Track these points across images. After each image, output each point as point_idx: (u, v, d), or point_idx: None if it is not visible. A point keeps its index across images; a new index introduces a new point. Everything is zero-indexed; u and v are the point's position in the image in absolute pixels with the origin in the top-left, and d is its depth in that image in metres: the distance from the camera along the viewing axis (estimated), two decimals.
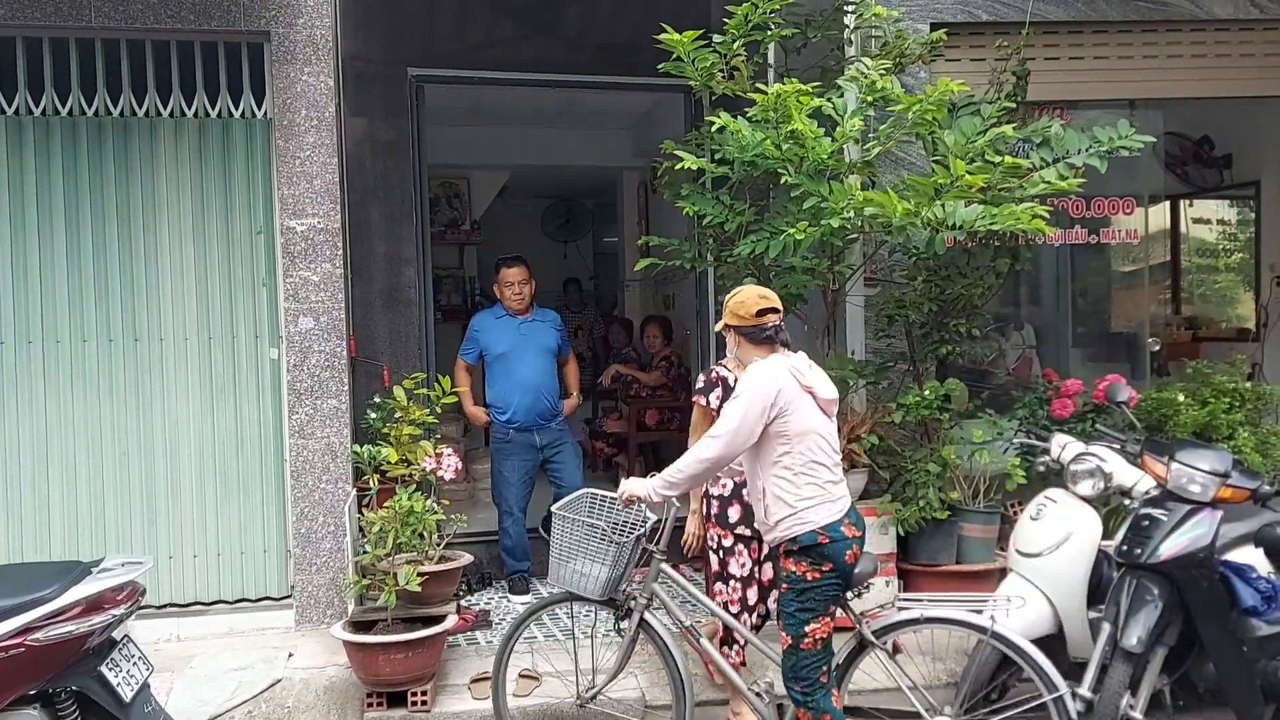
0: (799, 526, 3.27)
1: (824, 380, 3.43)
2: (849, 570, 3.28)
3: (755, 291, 3.49)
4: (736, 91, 4.77)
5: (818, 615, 3.28)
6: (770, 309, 3.42)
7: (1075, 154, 4.69)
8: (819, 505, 3.27)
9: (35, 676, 3.20)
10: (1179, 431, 5.02)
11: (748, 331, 3.43)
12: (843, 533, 3.27)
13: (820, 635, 3.28)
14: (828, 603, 3.29)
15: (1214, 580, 3.63)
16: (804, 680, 3.29)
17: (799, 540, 3.27)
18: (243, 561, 5.18)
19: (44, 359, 5.00)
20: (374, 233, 6.18)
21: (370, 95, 6.15)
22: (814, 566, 3.26)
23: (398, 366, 5.97)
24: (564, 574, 3.69)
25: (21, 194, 4.96)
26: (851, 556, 3.28)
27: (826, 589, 3.27)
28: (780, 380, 3.28)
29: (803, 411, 3.29)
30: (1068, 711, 3.20)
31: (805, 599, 3.27)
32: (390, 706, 4.31)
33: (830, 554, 3.25)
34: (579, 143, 9.31)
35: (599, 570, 3.60)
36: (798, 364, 3.36)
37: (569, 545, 3.66)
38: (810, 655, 3.28)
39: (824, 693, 3.29)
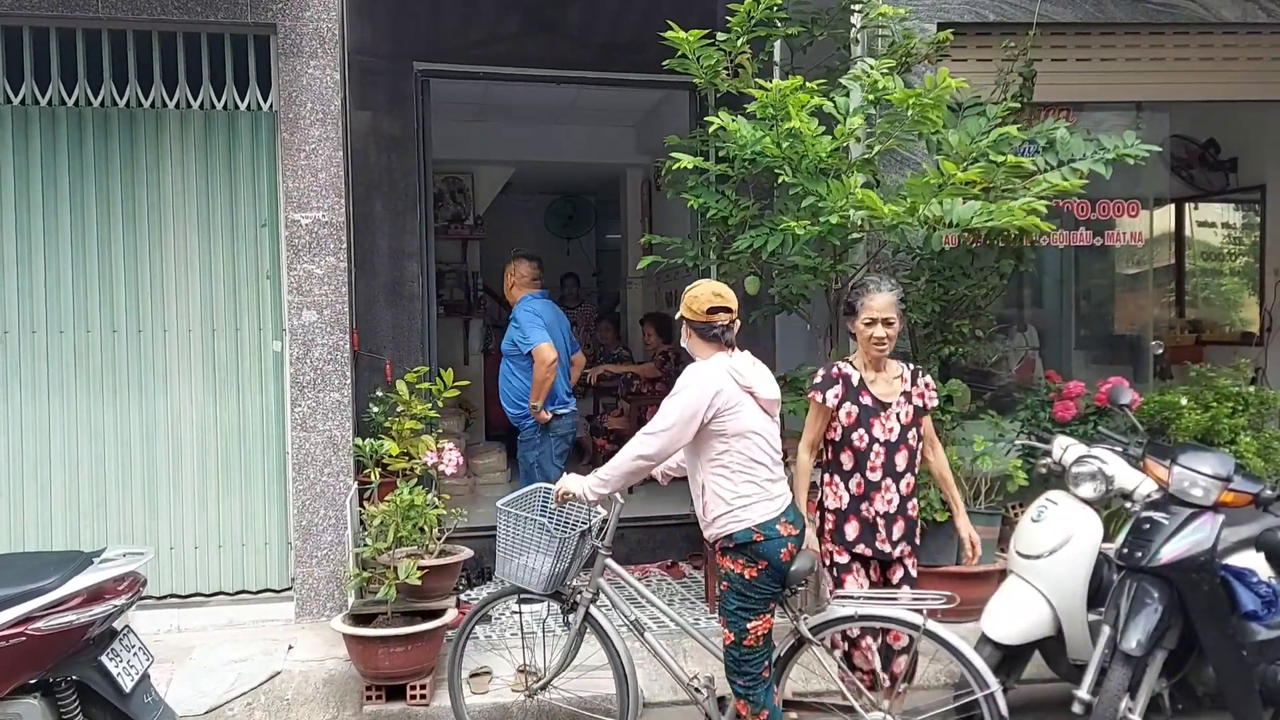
0: (735, 524, 3.33)
1: (765, 380, 3.47)
2: (785, 567, 3.34)
3: (710, 288, 3.49)
4: (741, 89, 4.77)
5: (758, 612, 3.35)
6: (722, 308, 3.45)
7: (1080, 159, 4.68)
8: (755, 504, 3.33)
9: (36, 666, 3.21)
10: (1181, 435, 5.02)
11: (697, 326, 3.47)
12: (778, 530, 3.33)
13: (761, 632, 3.36)
14: (767, 600, 3.36)
15: (1214, 584, 3.62)
16: (746, 675, 3.37)
17: (734, 538, 3.34)
18: (243, 553, 5.19)
19: (48, 349, 5.01)
20: (378, 227, 6.19)
21: (375, 89, 6.16)
22: (750, 564, 3.32)
23: (400, 360, 5.98)
24: (510, 568, 3.72)
25: (27, 184, 4.97)
26: (786, 554, 3.34)
27: (765, 586, 3.34)
28: (719, 381, 3.33)
29: (742, 412, 3.34)
30: (998, 709, 3.26)
31: (745, 598, 3.34)
32: (389, 700, 4.31)
33: (765, 552, 3.31)
34: (583, 139, 9.31)
35: (544, 564, 3.63)
36: (738, 364, 3.40)
37: (515, 540, 3.69)
38: (752, 651, 3.36)
39: (765, 687, 3.37)
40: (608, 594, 3.77)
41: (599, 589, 3.74)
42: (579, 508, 3.69)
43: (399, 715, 4.27)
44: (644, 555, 6.40)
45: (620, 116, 8.97)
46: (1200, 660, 3.75)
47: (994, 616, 3.96)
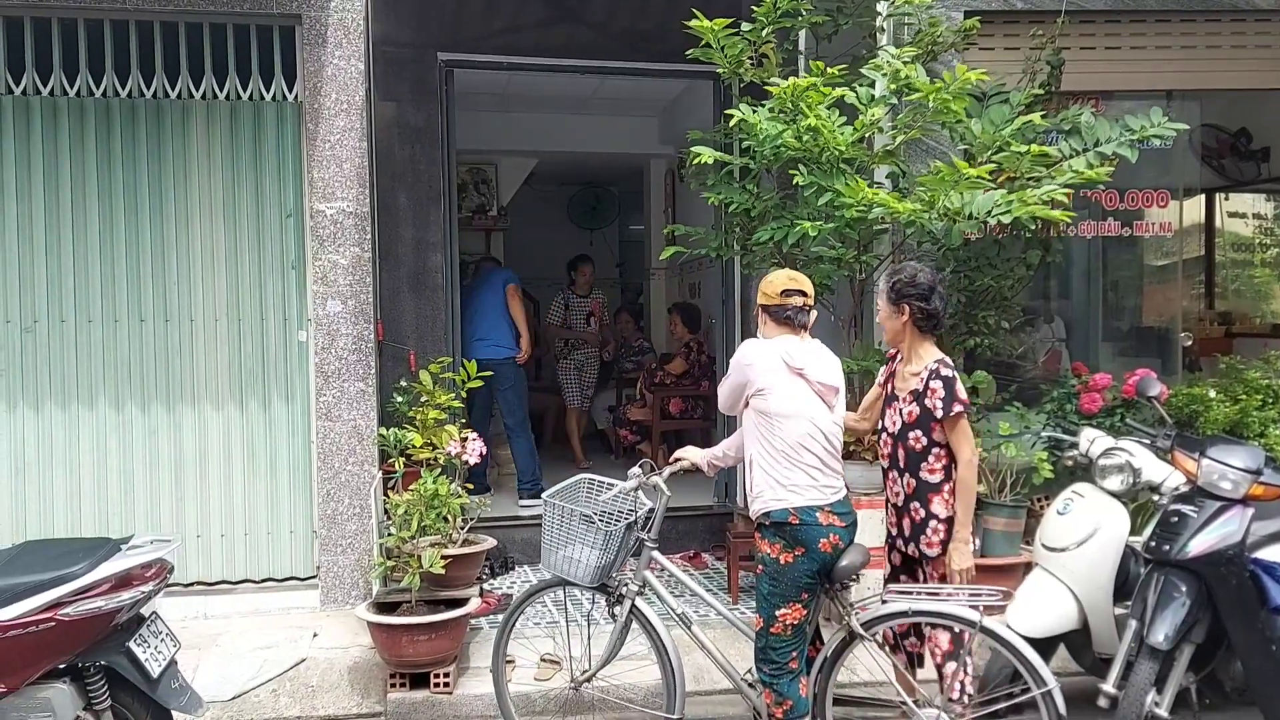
0: (775, 503, 3.31)
1: (825, 367, 3.42)
2: (825, 559, 3.28)
3: (785, 273, 3.56)
4: (765, 79, 4.74)
5: (789, 600, 3.29)
6: (797, 290, 3.46)
7: (1106, 143, 4.62)
8: (799, 488, 3.30)
9: (65, 650, 3.25)
10: (1210, 428, 4.96)
11: (771, 310, 3.48)
12: (817, 518, 3.28)
13: (791, 621, 3.30)
14: (800, 589, 3.30)
15: (1244, 578, 3.58)
16: (773, 664, 3.33)
17: (771, 515, 3.32)
18: (269, 542, 5.23)
19: (76, 339, 5.06)
20: (401, 217, 6.20)
21: (400, 79, 6.16)
22: (787, 549, 3.28)
23: (424, 351, 6.00)
24: (555, 560, 3.70)
25: (56, 175, 5.01)
26: (827, 545, 3.28)
27: (799, 575, 3.29)
28: (762, 356, 3.37)
29: (786, 392, 3.32)
30: (1056, 707, 3.17)
31: (776, 582, 3.30)
32: (413, 687, 4.34)
33: (802, 538, 3.27)
34: (606, 129, 9.29)
35: (590, 556, 3.60)
36: (793, 347, 3.38)
37: (561, 532, 3.67)
38: (780, 640, 3.31)
39: (791, 678, 3.32)
40: (653, 586, 3.72)
41: (645, 581, 3.70)
42: (625, 499, 3.65)
43: (423, 703, 4.30)
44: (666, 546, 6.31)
45: (644, 106, 8.95)
46: (1228, 655, 3.72)
47: (1019, 609, 3.93)
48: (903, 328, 3.65)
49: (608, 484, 3.73)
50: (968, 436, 3.52)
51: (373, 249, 5.23)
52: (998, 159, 4.45)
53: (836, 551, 3.30)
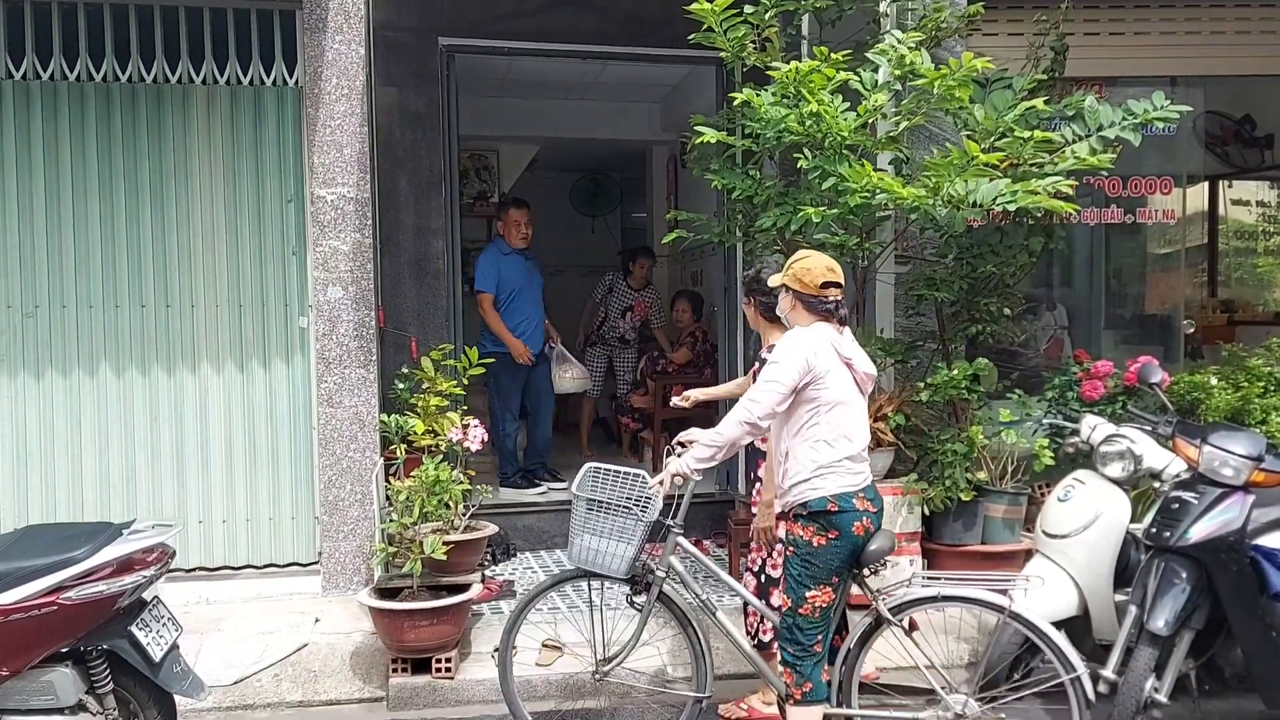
0: (811, 492, 3.26)
1: (863, 355, 3.42)
2: (857, 542, 3.27)
3: (824, 262, 3.39)
4: (768, 63, 4.73)
5: (819, 583, 3.26)
6: (835, 283, 3.36)
7: (1109, 127, 4.60)
8: (835, 475, 3.26)
9: (67, 635, 3.26)
10: (1211, 415, 4.96)
11: (808, 299, 3.36)
12: (854, 504, 3.25)
13: (820, 604, 3.27)
14: (831, 572, 3.27)
15: (1244, 564, 3.58)
16: (798, 644, 3.30)
17: (809, 505, 3.26)
18: (271, 527, 5.24)
19: (77, 324, 5.06)
20: (403, 203, 6.19)
21: (400, 64, 6.13)
22: (820, 533, 3.25)
23: (425, 338, 5.99)
24: (584, 554, 3.65)
25: (56, 160, 5.00)
26: (860, 529, 3.26)
27: (831, 558, 3.25)
28: (819, 346, 3.27)
29: (838, 382, 3.27)
30: (1085, 692, 3.15)
31: (808, 565, 3.27)
32: (415, 672, 4.36)
33: (838, 523, 3.24)
34: (609, 115, 9.26)
35: (624, 549, 3.56)
36: (832, 336, 3.33)
37: (590, 525, 3.62)
38: (807, 621, 3.28)
39: (814, 661, 3.29)
40: (679, 572, 3.69)
41: (670, 567, 3.67)
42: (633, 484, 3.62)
43: (424, 688, 4.31)
44: None
45: (646, 92, 8.92)
46: (1228, 641, 3.72)
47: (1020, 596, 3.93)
48: (755, 317, 4.06)
49: (618, 471, 3.71)
50: None
51: (374, 235, 5.22)
52: (1000, 145, 4.43)
53: (867, 535, 3.28)
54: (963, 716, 3.27)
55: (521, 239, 6.69)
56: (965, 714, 3.26)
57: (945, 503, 4.86)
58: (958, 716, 3.27)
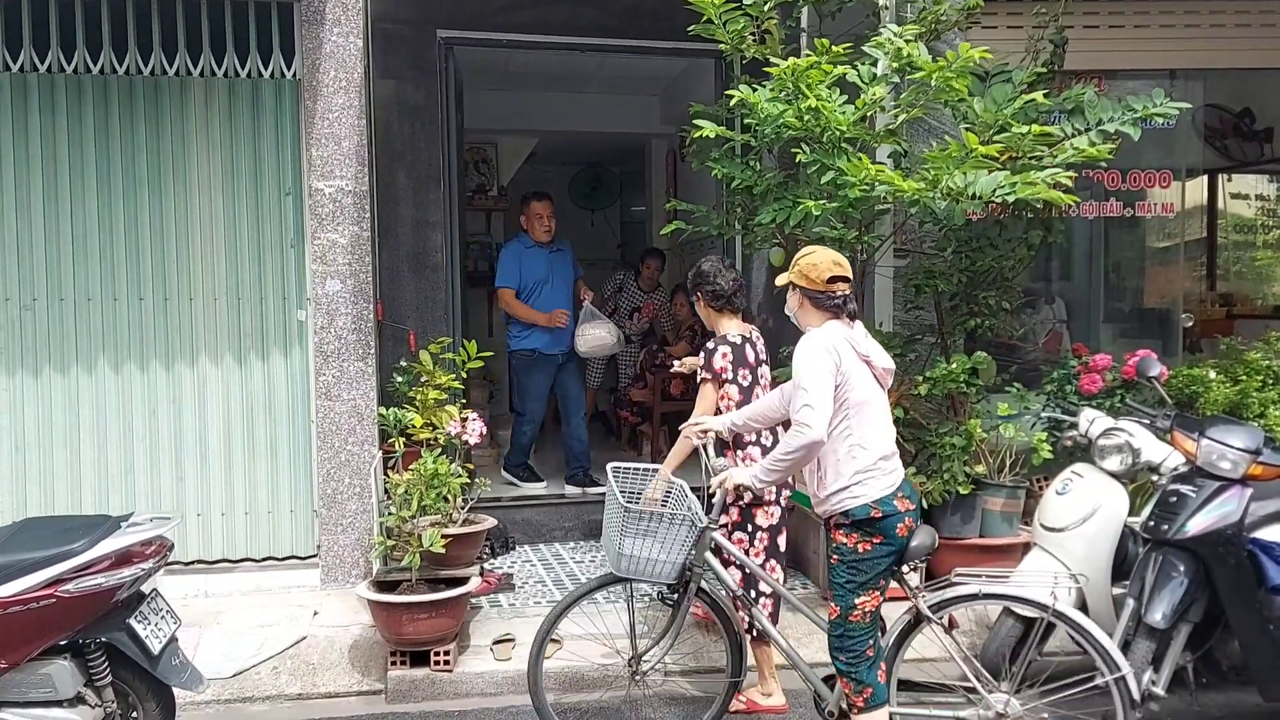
0: (851, 500, 3.19)
1: (880, 349, 3.36)
2: (902, 543, 3.22)
3: (830, 256, 3.32)
4: (768, 56, 4.72)
5: (868, 588, 3.20)
6: (842, 277, 3.29)
7: (1108, 122, 4.59)
8: (873, 479, 3.19)
9: (66, 627, 3.26)
10: (1209, 408, 4.96)
11: (814, 295, 3.30)
12: (895, 506, 3.19)
13: (869, 609, 3.21)
14: (879, 576, 3.21)
15: (1242, 558, 3.59)
16: (849, 652, 3.23)
17: (851, 514, 3.19)
18: (269, 521, 5.24)
19: (75, 316, 5.05)
20: (401, 196, 6.18)
21: (399, 57, 6.12)
22: (865, 538, 3.19)
23: (424, 331, 5.99)
24: (631, 563, 3.56)
25: (54, 152, 5.00)
26: (904, 530, 3.20)
27: (878, 562, 3.19)
28: (838, 347, 3.20)
29: (860, 382, 3.21)
30: (1130, 693, 3.07)
31: (856, 571, 3.20)
32: (413, 665, 4.36)
33: (883, 527, 3.18)
34: (608, 108, 9.25)
35: (676, 555, 3.51)
36: (852, 334, 3.27)
37: (627, 528, 3.54)
38: (858, 628, 3.22)
39: (869, 665, 3.23)
40: (714, 568, 3.66)
41: (705, 563, 3.63)
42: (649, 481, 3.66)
43: (423, 680, 4.32)
44: None
45: (645, 85, 8.90)
46: (1225, 634, 3.73)
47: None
48: (705, 309, 4.22)
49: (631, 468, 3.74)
50: (702, 399, 4.07)
51: (372, 228, 5.22)
52: (1000, 138, 4.43)
53: (910, 534, 3.23)
54: (1004, 715, 3.22)
55: (545, 232, 6.53)
56: (1007, 713, 3.21)
57: (943, 496, 4.86)
58: (999, 715, 3.22)
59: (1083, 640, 3.21)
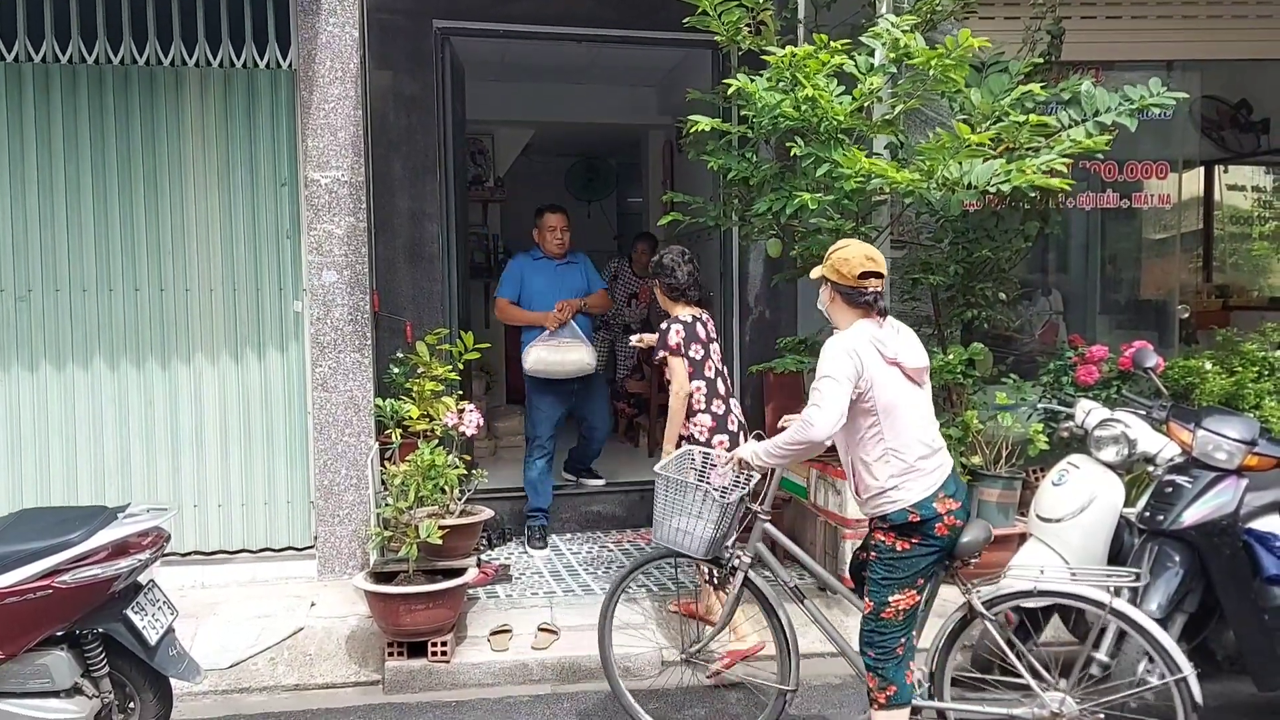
0: (890, 505, 3.17)
1: (911, 348, 3.28)
2: (942, 542, 3.17)
3: (863, 251, 3.27)
4: (763, 47, 4.71)
5: (903, 586, 3.17)
6: (875, 273, 3.23)
7: (1105, 112, 4.59)
8: (910, 481, 3.15)
9: (62, 618, 3.26)
10: (1205, 399, 4.97)
11: (846, 291, 3.25)
12: (934, 509, 3.14)
13: (904, 607, 3.18)
14: (916, 575, 3.18)
15: (1237, 548, 3.59)
16: (879, 649, 3.21)
17: (889, 518, 3.17)
18: (266, 512, 5.24)
19: (70, 308, 5.04)
20: (397, 187, 6.17)
21: (395, 47, 6.10)
22: (902, 538, 3.16)
23: (420, 323, 5.98)
24: (665, 533, 3.60)
25: (49, 142, 4.98)
26: (944, 529, 3.15)
27: (916, 561, 3.16)
28: (862, 352, 3.14)
29: (889, 385, 3.16)
30: (1191, 694, 3.00)
31: (893, 569, 3.17)
32: (411, 656, 4.36)
33: (922, 530, 3.15)
34: (604, 100, 9.23)
35: (702, 528, 3.51)
36: (881, 335, 3.21)
37: (672, 505, 3.59)
38: (890, 625, 3.19)
39: (896, 664, 3.20)
40: (766, 559, 3.66)
41: (757, 553, 3.64)
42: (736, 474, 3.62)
43: (420, 671, 4.32)
44: None
45: (641, 76, 8.89)
46: (1220, 624, 3.73)
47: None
48: (662, 298, 4.69)
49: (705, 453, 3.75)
50: (675, 376, 4.47)
51: (368, 219, 5.21)
52: (996, 129, 4.42)
53: (955, 532, 3.18)
54: (1059, 715, 3.17)
55: (557, 245, 6.06)
56: (1062, 712, 3.16)
57: None
58: (1054, 715, 3.17)
59: (1143, 640, 3.13)
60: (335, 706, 4.19)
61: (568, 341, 5.86)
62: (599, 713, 4.08)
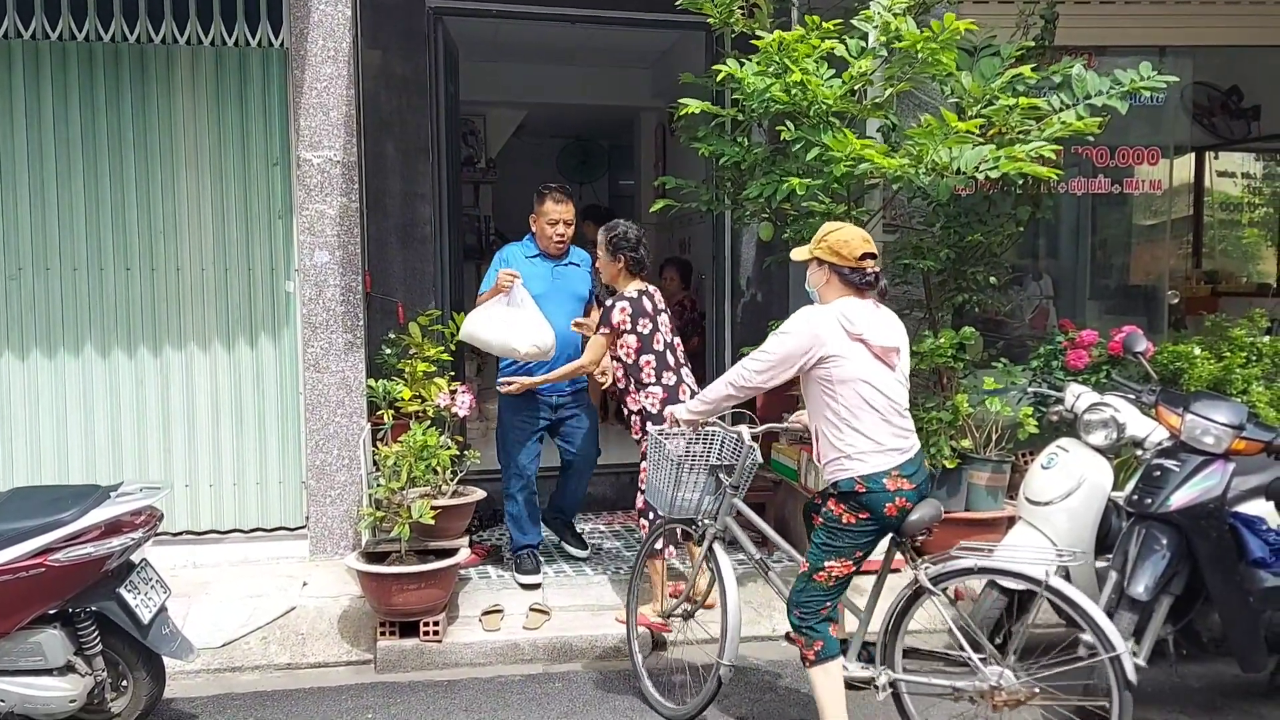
0: (840, 472, 3.27)
1: (884, 327, 3.34)
2: (889, 522, 3.26)
3: (859, 233, 3.36)
4: (756, 29, 4.70)
5: (840, 556, 3.28)
6: (871, 254, 3.33)
7: (1095, 96, 4.60)
8: (865, 454, 3.23)
9: (55, 596, 3.27)
10: (1194, 384, 5.01)
11: (844, 271, 3.33)
12: (883, 485, 3.22)
13: (836, 574, 3.29)
14: (855, 548, 3.29)
15: (1223, 531, 3.63)
16: (804, 608, 3.33)
17: (839, 485, 3.27)
18: (258, 492, 5.24)
19: (61, 286, 5.02)
20: (390, 168, 6.14)
21: (388, 26, 6.06)
22: (851, 512, 3.25)
23: (412, 304, 5.96)
24: (650, 491, 3.93)
25: (39, 120, 4.95)
26: (893, 509, 3.23)
27: (857, 535, 3.26)
28: (823, 328, 3.24)
29: (850, 361, 3.23)
30: (1124, 671, 3.04)
31: (834, 537, 3.28)
32: (403, 636, 4.38)
33: (867, 504, 3.23)
34: (597, 81, 9.20)
35: (669, 489, 3.76)
36: (850, 311, 3.27)
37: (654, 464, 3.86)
38: (819, 588, 3.31)
39: (821, 621, 3.32)
40: (735, 533, 3.79)
41: (726, 526, 3.78)
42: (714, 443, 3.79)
43: (412, 651, 4.34)
44: None
45: (634, 58, 8.86)
46: (1206, 606, 3.77)
47: None
48: (618, 272, 4.57)
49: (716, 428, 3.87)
50: (590, 348, 4.62)
51: (360, 199, 5.19)
52: (987, 112, 4.43)
53: (903, 513, 3.26)
54: (998, 688, 3.21)
55: (557, 243, 4.98)
56: (1002, 685, 3.21)
57: (930, 470, 4.89)
58: (994, 688, 3.22)
59: (1077, 616, 3.18)
60: (327, 685, 4.21)
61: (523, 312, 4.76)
62: (590, 692, 4.10)
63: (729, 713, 3.92)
